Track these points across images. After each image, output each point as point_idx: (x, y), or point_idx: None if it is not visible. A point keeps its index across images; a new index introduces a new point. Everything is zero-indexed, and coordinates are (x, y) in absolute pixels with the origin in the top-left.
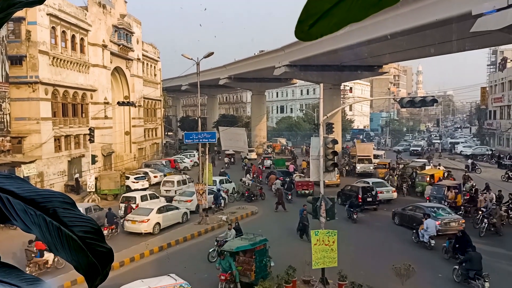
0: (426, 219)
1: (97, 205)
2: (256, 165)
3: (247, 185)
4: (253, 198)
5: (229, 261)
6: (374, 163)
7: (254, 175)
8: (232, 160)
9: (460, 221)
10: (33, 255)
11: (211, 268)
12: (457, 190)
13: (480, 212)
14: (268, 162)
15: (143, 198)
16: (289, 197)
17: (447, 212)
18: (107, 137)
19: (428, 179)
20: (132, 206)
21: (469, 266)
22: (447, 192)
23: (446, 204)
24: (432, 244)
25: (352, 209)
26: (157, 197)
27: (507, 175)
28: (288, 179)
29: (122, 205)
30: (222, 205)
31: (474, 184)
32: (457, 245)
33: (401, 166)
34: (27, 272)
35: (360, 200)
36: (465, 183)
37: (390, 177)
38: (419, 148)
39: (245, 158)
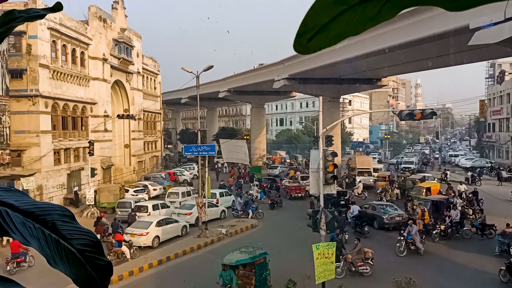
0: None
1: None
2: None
3: (255, 198)
4: (275, 206)
5: (231, 275)
6: (374, 176)
7: (240, 180)
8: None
9: (404, 216)
10: (112, 245)
11: (210, 282)
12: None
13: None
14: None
15: (155, 207)
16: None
17: (394, 209)
18: (106, 150)
19: (424, 192)
20: (136, 215)
21: None
22: (417, 208)
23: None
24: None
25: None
26: (168, 207)
27: None
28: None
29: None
30: (250, 216)
31: (462, 201)
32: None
33: (401, 179)
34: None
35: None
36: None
37: (386, 191)
38: (412, 165)
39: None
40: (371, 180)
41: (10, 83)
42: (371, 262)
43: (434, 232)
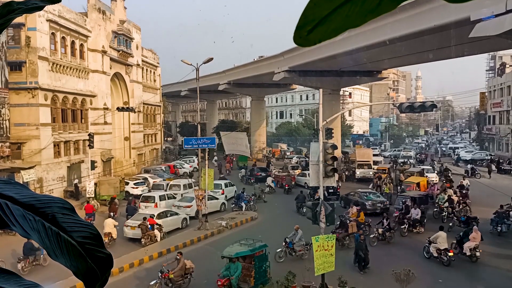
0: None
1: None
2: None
3: (271, 189)
4: (289, 190)
5: (238, 267)
6: (374, 168)
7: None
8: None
9: (385, 203)
10: (147, 229)
11: (210, 274)
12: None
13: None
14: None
15: (162, 198)
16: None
17: (376, 196)
18: (106, 143)
19: (414, 188)
20: (136, 202)
21: None
22: (352, 208)
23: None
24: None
25: (298, 204)
26: (174, 198)
27: None
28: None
29: (143, 204)
30: (244, 208)
31: (452, 193)
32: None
33: (397, 172)
34: (142, 242)
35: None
36: (441, 193)
37: (385, 184)
38: (410, 159)
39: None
40: (371, 173)
41: (9, 75)
42: None
43: (372, 236)
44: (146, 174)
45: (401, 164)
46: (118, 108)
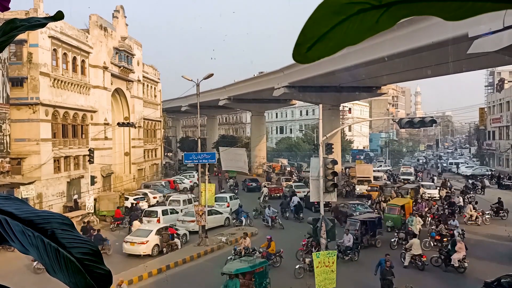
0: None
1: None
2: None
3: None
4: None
5: (236, 284)
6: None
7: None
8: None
9: (373, 213)
10: (168, 238)
11: None
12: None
13: None
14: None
15: (164, 213)
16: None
17: (364, 207)
18: (106, 158)
19: (397, 212)
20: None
21: None
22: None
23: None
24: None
25: (283, 209)
26: (177, 212)
27: None
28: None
29: (145, 219)
30: (243, 223)
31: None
32: None
33: (388, 190)
34: (163, 251)
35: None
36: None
37: (378, 203)
38: (410, 177)
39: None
40: (364, 190)
41: (10, 91)
42: None
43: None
44: (146, 190)
45: (402, 180)
46: (118, 124)
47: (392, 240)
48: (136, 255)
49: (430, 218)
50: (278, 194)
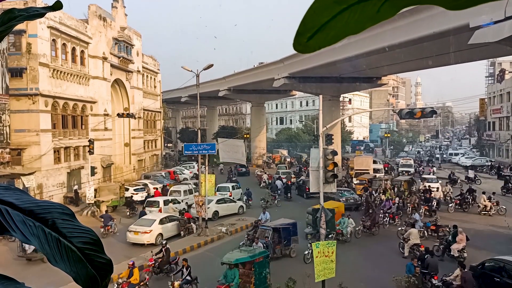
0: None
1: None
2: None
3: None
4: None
5: (235, 273)
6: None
7: None
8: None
9: (356, 199)
10: (185, 222)
11: (210, 281)
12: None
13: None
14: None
15: (166, 203)
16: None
17: (350, 193)
18: (106, 149)
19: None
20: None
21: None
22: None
23: None
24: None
25: (273, 191)
26: (179, 202)
27: (506, 188)
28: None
29: (148, 209)
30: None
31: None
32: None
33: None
34: (181, 234)
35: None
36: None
37: (380, 191)
38: (411, 169)
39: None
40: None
41: (10, 82)
42: None
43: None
44: (146, 180)
45: (401, 173)
46: (118, 114)
47: (306, 252)
48: (139, 244)
49: (424, 209)
50: (269, 181)
